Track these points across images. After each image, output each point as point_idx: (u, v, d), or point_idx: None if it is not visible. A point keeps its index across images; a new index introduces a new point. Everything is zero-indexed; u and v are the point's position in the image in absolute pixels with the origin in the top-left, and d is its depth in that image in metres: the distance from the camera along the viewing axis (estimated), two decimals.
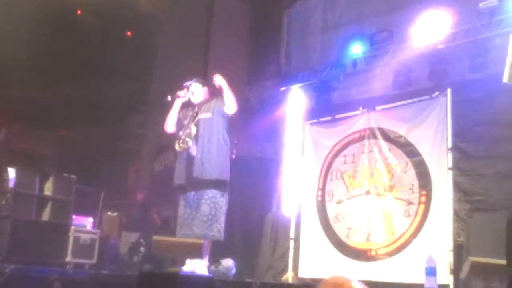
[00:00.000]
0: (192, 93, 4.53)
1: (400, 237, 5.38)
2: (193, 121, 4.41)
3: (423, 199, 5.29)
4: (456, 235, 5.03)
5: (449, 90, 5.31)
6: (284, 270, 6.34)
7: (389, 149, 5.66)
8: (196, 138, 4.28)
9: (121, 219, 7.53)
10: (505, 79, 3.43)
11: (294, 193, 6.56)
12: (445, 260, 4.87)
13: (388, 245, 5.46)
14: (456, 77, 5.59)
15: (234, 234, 6.98)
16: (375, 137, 5.85)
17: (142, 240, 6.78)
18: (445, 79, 5.63)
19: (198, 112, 4.47)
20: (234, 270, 4.59)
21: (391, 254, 5.41)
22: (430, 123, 5.39)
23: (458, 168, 5.19)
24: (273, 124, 7.24)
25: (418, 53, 5.85)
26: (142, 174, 7.47)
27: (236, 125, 4.73)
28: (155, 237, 4.19)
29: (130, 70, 7.66)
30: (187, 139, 4.31)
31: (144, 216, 7.18)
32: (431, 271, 3.39)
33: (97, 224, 6.91)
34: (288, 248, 6.42)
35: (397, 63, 6.02)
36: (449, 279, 4.79)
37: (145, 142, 7.61)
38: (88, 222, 6.81)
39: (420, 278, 4.01)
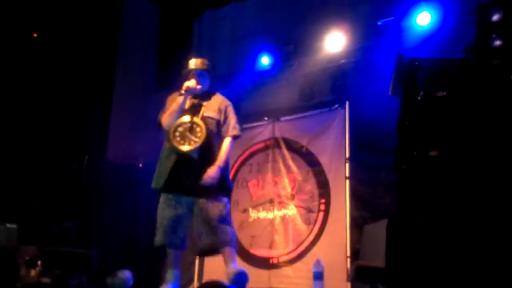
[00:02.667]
0: (198, 85, 3.90)
1: (300, 245, 5.53)
2: (197, 116, 3.79)
3: (323, 207, 5.48)
4: (353, 242, 5.24)
5: (347, 103, 5.57)
6: (190, 282, 6.28)
7: (292, 159, 5.82)
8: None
9: (18, 230, 7.12)
10: (390, 92, 3.65)
11: None
12: (342, 267, 5.07)
13: (289, 253, 5.59)
14: (355, 91, 5.86)
15: (139, 244, 6.84)
16: (279, 147, 6.00)
17: (39, 253, 6.45)
18: (345, 93, 5.90)
19: (201, 106, 3.88)
20: (131, 282, 4.47)
21: (292, 261, 5.54)
22: (330, 134, 5.62)
23: (355, 177, 5.42)
24: None
25: (321, 67, 6.09)
26: (41, 184, 7.14)
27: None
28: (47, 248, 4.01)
29: (30, 71, 7.33)
30: (192, 137, 3.70)
31: (42, 227, 6.85)
32: (318, 275, 3.50)
33: None
34: (194, 258, 6.38)
35: (302, 75, 6.22)
36: (346, 286, 4.97)
37: (45, 149, 7.29)
38: None
39: None
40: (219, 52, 7.24)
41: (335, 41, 5.89)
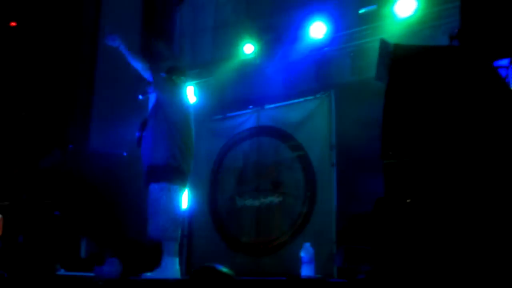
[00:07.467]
0: None
1: (287, 231, 5.58)
2: None
3: (309, 194, 5.54)
4: (339, 227, 5.30)
5: (332, 91, 5.61)
6: None
7: (277, 146, 5.86)
8: None
9: (3, 220, 7.05)
10: (376, 79, 3.69)
11: (186, 191, 6.56)
12: (329, 252, 5.14)
13: (277, 239, 5.64)
14: (339, 79, 5.91)
15: (126, 234, 6.83)
16: (264, 134, 6.03)
17: (25, 242, 6.40)
18: (329, 81, 5.94)
19: None
20: (119, 271, 4.47)
21: (280, 247, 5.60)
22: (315, 122, 5.66)
23: (340, 164, 5.48)
24: None
25: (305, 55, 6.11)
26: (26, 173, 7.08)
27: None
28: None
29: (10, 61, 7.23)
30: None
31: (27, 217, 6.80)
32: (307, 260, 3.56)
33: None
34: (181, 245, 6.40)
35: (286, 63, 6.24)
36: (333, 270, 5.05)
37: (29, 139, 7.22)
38: None
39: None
40: (202, 40, 7.21)
41: (318, 29, 5.91)
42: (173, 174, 3.96)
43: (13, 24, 8.16)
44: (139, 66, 4.21)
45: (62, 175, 6.70)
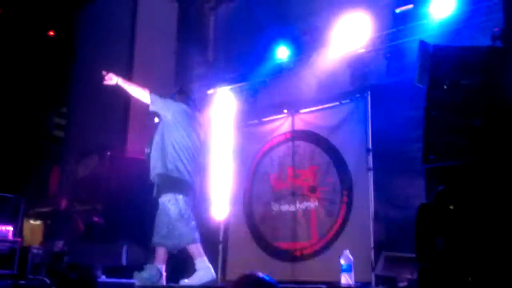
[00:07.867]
0: None
1: (324, 237, 5.52)
2: None
3: (345, 199, 5.46)
4: (376, 233, 5.20)
5: (368, 93, 5.52)
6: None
7: (313, 151, 5.81)
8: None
9: (43, 227, 7.24)
10: (416, 82, 3.62)
11: (222, 196, 6.57)
12: (366, 258, 5.04)
13: (312, 245, 5.59)
14: (375, 81, 5.80)
15: None
16: (299, 139, 5.99)
17: (66, 248, 6.52)
18: (364, 83, 5.84)
19: None
20: (160, 276, 4.49)
21: (316, 254, 5.54)
22: (351, 125, 5.59)
23: (377, 168, 5.38)
24: None
25: (339, 57, 6.02)
26: (65, 180, 7.23)
27: None
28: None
29: (49, 71, 7.41)
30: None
31: (67, 224, 6.94)
32: (347, 268, 3.50)
33: (18, 233, 6.61)
34: (217, 252, 6.41)
35: (320, 66, 6.17)
36: (370, 277, 4.95)
37: (67, 146, 7.36)
38: (8, 230, 6.50)
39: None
40: (236, 45, 7.22)
41: (353, 30, 5.82)
42: (177, 185, 4.22)
43: (52, 33, 8.38)
44: (139, 95, 4.35)
45: (101, 180, 6.82)
